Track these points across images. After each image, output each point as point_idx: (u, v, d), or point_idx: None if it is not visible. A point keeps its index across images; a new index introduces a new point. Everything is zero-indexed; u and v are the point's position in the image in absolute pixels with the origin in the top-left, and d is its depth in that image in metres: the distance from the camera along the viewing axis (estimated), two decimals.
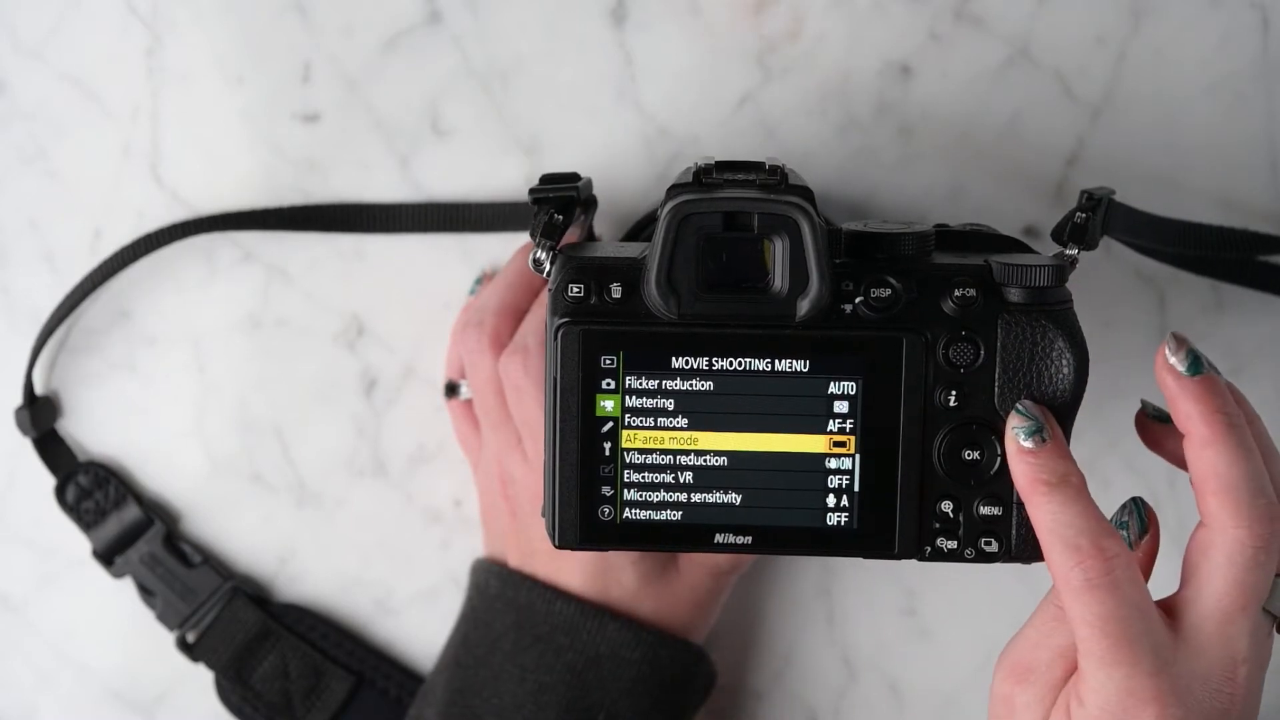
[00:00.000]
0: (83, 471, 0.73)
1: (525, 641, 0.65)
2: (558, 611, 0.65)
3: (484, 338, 0.67)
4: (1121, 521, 0.55)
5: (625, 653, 0.65)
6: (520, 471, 0.66)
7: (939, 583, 0.73)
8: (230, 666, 0.72)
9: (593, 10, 0.70)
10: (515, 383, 0.65)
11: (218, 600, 0.73)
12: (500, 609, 0.67)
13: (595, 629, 0.65)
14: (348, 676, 0.72)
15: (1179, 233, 0.65)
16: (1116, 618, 0.52)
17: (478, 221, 0.71)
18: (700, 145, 0.71)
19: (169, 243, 0.71)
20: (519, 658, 0.65)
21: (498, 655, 0.66)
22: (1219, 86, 0.70)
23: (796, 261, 0.53)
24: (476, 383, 0.68)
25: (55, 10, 0.71)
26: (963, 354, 0.55)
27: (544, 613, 0.65)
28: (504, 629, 0.66)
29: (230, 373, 0.73)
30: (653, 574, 0.66)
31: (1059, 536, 0.53)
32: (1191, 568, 0.54)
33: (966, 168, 0.70)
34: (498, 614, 0.67)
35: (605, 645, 0.65)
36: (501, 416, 0.67)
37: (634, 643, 0.65)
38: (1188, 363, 0.54)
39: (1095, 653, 0.52)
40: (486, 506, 0.70)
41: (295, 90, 0.71)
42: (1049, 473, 0.53)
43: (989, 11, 0.70)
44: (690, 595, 0.67)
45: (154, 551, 0.73)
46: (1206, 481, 0.53)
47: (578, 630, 0.65)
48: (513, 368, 0.65)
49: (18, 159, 0.72)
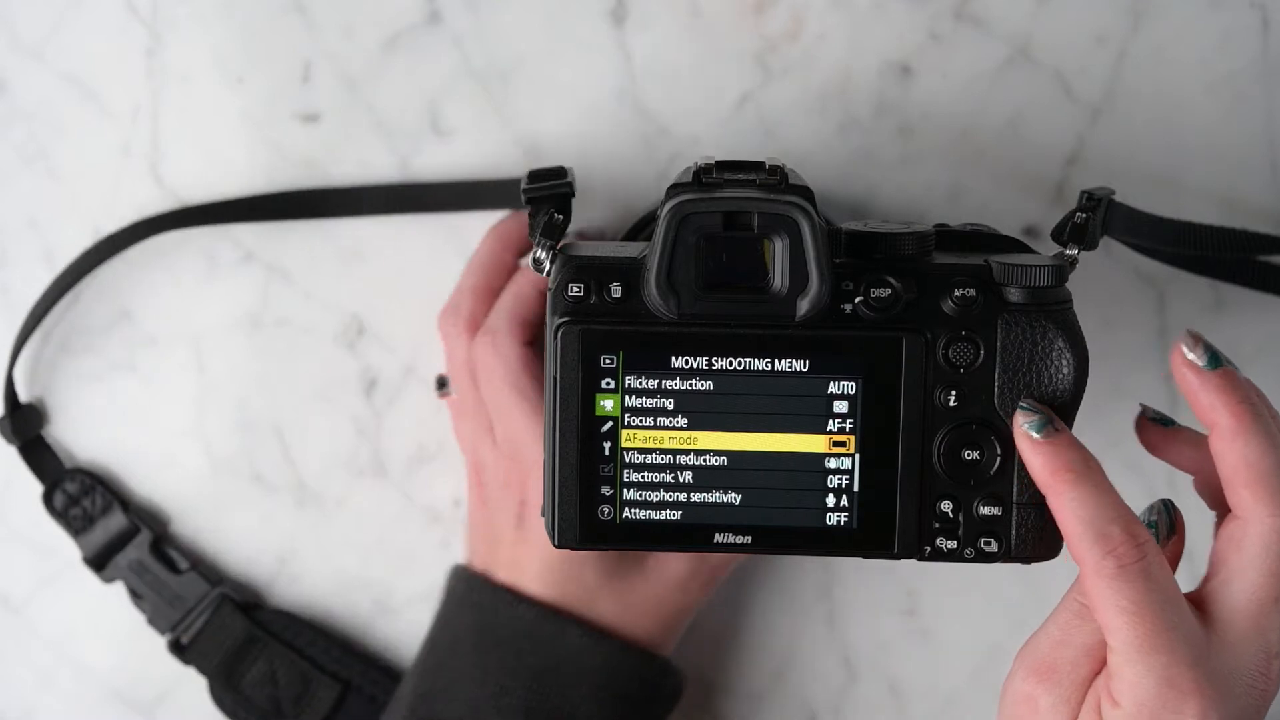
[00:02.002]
0: (69, 478, 0.73)
1: (487, 644, 0.65)
2: (519, 615, 0.65)
3: (459, 321, 0.67)
4: (1150, 521, 0.55)
5: (585, 659, 0.64)
6: (490, 457, 0.66)
7: (939, 583, 0.73)
8: (220, 672, 0.73)
9: (593, 10, 0.70)
10: (485, 363, 0.65)
11: (205, 607, 0.73)
12: (463, 611, 0.66)
13: (555, 634, 0.64)
14: (334, 684, 0.72)
15: (1179, 233, 0.65)
16: (1152, 604, 0.50)
17: (448, 200, 0.71)
18: (700, 145, 0.71)
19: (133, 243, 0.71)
20: (481, 660, 0.65)
21: (460, 658, 0.66)
22: (1219, 86, 0.70)
23: (796, 261, 0.53)
24: (453, 368, 0.68)
25: (55, 10, 0.71)
26: (963, 354, 0.55)
27: (505, 616, 0.65)
28: (465, 631, 0.66)
29: (230, 373, 0.73)
30: (614, 573, 0.65)
31: (1089, 525, 0.51)
32: (1220, 560, 0.53)
33: (966, 168, 0.70)
34: (461, 616, 0.66)
35: (565, 650, 0.64)
36: (475, 401, 0.67)
37: (593, 649, 0.64)
38: (1207, 357, 0.54)
39: (1131, 642, 0.50)
40: (469, 498, 0.70)
41: (295, 90, 0.71)
42: (1070, 462, 0.52)
43: (989, 11, 0.70)
44: (651, 604, 0.66)
45: (141, 558, 0.73)
46: (1238, 472, 0.53)
47: (538, 635, 0.65)
48: (481, 349, 0.65)
49: (18, 159, 0.72)
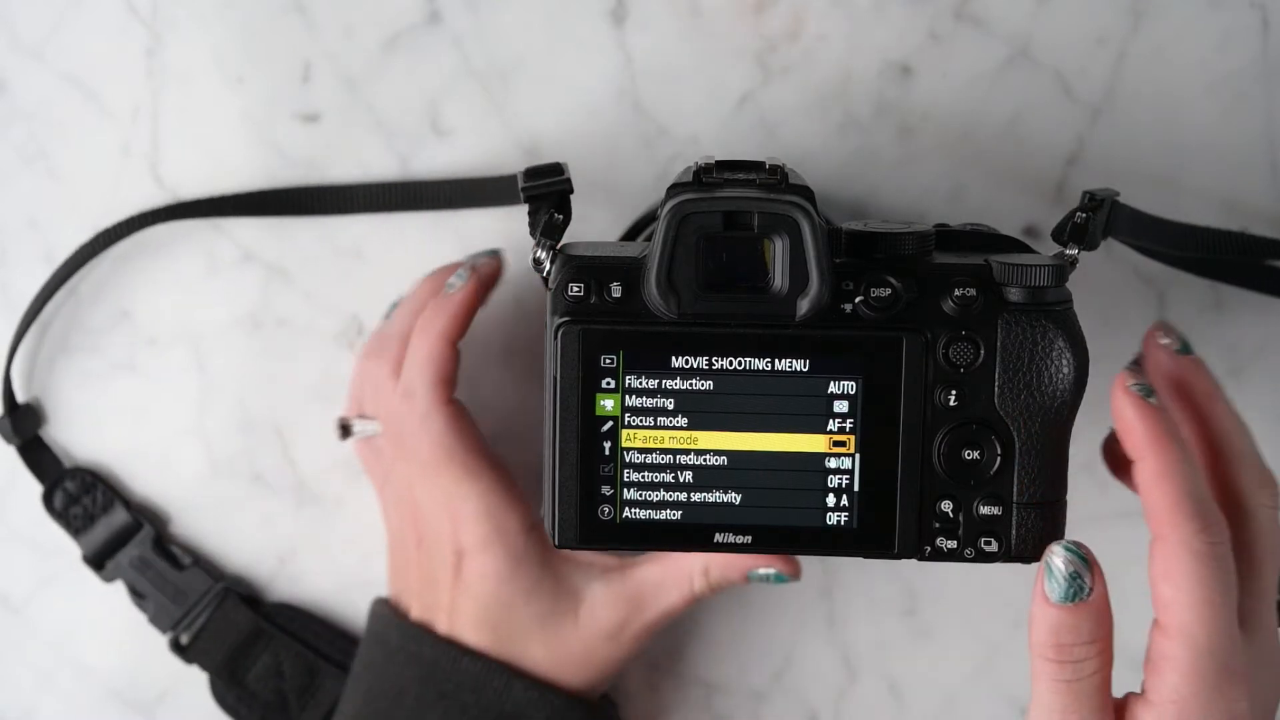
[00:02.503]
0: (69, 477, 0.73)
1: (430, 698, 0.65)
2: (463, 669, 0.64)
3: (385, 366, 0.66)
4: None
5: (531, 712, 0.64)
6: (428, 499, 0.65)
7: (939, 583, 0.73)
8: (224, 667, 0.72)
9: (593, 10, 0.70)
10: (410, 429, 0.64)
11: (209, 602, 0.73)
12: (402, 662, 0.66)
13: (501, 687, 0.64)
14: (342, 674, 0.72)
15: (1184, 236, 0.65)
16: (1228, 592, 0.53)
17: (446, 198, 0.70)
18: (700, 145, 0.71)
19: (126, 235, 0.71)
20: (423, 714, 0.65)
21: (401, 711, 0.65)
22: (1219, 86, 0.70)
23: (796, 261, 0.53)
24: (381, 412, 0.67)
25: (55, 10, 0.71)
26: (963, 354, 0.55)
27: (448, 669, 0.65)
28: (406, 683, 0.65)
29: (230, 372, 0.73)
30: (546, 622, 0.65)
31: (1190, 497, 0.53)
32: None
33: (966, 168, 0.70)
34: (400, 667, 0.66)
35: (510, 704, 0.64)
36: (411, 448, 0.65)
37: (540, 703, 0.64)
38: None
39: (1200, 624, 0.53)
40: (393, 539, 0.69)
41: (295, 90, 0.71)
42: (1173, 432, 0.54)
43: (989, 11, 0.70)
44: (579, 654, 0.65)
45: (143, 555, 0.73)
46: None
47: (483, 688, 0.64)
48: (406, 416, 0.64)
49: (18, 159, 0.72)
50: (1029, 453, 0.55)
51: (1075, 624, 0.53)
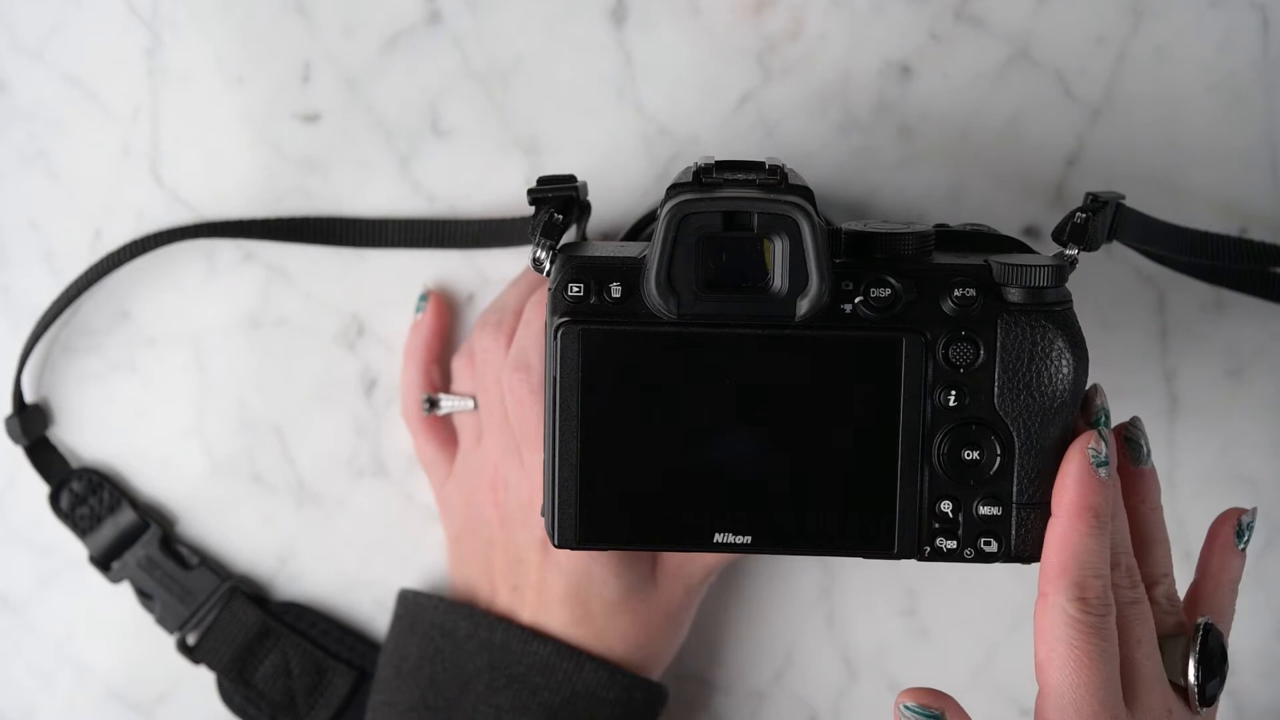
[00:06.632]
0: (76, 478, 0.73)
1: (500, 682, 0.65)
2: (534, 651, 0.65)
3: (501, 336, 0.67)
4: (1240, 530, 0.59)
5: (601, 693, 0.65)
6: (516, 477, 0.66)
7: (939, 583, 0.73)
8: (232, 667, 0.72)
9: (593, 10, 0.70)
10: (519, 397, 0.64)
11: (217, 601, 0.73)
12: (472, 650, 0.66)
13: (572, 669, 0.65)
14: (350, 671, 0.72)
15: (1190, 242, 0.65)
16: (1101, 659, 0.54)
17: (468, 237, 0.71)
18: (700, 145, 0.71)
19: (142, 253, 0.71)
20: (493, 699, 0.65)
21: (470, 697, 0.66)
22: (1219, 86, 0.70)
23: (796, 261, 0.53)
24: (486, 381, 0.67)
25: (55, 10, 0.71)
26: (962, 354, 0.55)
27: (519, 653, 0.65)
28: (476, 670, 0.66)
29: (230, 373, 0.73)
30: (629, 594, 0.65)
31: (1083, 568, 0.54)
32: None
33: (966, 168, 0.70)
34: (469, 656, 0.66)
35: (581, 685, 0.65)
36: (502, 420, 0.66)
37: (609, 683, 0.65)
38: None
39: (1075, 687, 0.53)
40: (465, 524, 0.69)
41: (295, 90, 0.71)
42: (1102, 512, 0.54)
43: (989, 11, 0.70)
44: (652, 630, 0.66)
45: (150, 555, 0.73)
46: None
47: (554, 670, 0.65)
48: (518, 384, 0.64)
49: (18, 159, 0.72)
50: (1029, 453, 0.55)
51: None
